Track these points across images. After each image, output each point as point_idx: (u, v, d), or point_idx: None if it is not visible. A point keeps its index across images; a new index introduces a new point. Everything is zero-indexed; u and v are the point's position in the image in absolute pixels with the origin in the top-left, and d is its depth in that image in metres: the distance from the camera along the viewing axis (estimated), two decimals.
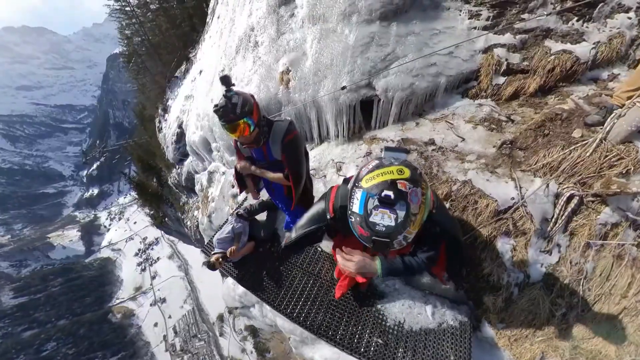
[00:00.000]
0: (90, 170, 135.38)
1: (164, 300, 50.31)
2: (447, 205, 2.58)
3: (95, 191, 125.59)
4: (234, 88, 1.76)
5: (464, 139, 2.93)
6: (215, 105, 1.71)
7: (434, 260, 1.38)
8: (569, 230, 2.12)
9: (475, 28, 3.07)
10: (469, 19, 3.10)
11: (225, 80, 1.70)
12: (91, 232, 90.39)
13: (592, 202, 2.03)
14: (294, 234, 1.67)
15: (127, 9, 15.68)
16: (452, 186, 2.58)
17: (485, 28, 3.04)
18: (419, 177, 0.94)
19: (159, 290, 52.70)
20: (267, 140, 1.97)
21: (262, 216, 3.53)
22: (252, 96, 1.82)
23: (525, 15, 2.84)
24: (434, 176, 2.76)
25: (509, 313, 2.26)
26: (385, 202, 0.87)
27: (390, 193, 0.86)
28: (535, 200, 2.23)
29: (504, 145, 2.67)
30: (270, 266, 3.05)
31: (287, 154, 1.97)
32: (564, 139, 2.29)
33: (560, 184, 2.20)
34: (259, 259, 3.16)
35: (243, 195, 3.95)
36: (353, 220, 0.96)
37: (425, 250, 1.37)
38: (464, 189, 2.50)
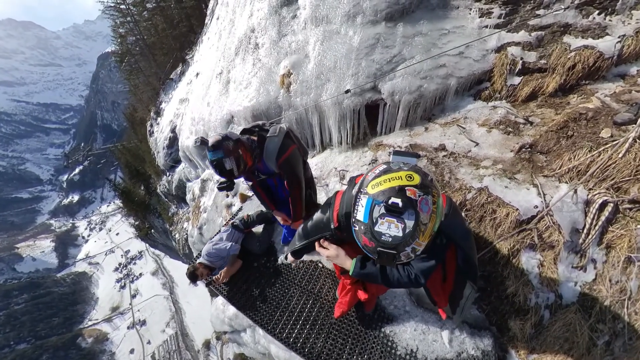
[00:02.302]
0: (72, 174, 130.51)
1: (143, 323, 45.96)
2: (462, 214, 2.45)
3: (76, 198, 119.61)
4: (210, 140, 1.79)
5: (477, 144, 2.83)
6: (219, 182, 1.93)
7: (426, 274, 1.27)
8: (604, 242, 1.95)
9: (486, 27, 3.06)
10: (479, 17, 3.10)
11: (202, 143, 1.79)
12: (67, 243, 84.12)
13: (630, 209, 1.88)
14: (297, 242, 1.64)
15: (122, 6, 15.45)
16: (466, 194, 2.46)
17: (497, 26, 3.02)
18: (430, 183, 0.91)
19: (138, 311, 48.25)
20: (261, 159, 2.08)
21: (257, 228, 3.41)
22: (234, 139, 1.80)
23: (541, 11, 2.81)
24: (446, 184, 2.64)
25: (541, 341, 2.05)
26: (392, 211, 0.83)
27: (398, 201, 0.83)
28: (562, 208, 2.08)
29: (523, 149, 2.56)
30: (264, 284, 2.90)
31: (284, 170, 2.13)
32: (590, 139, 2.17)
33: (590, 189, 2.06)
34: (253, 276, 3.01)
35: (238, 205, 3.86)
36: (357, 228, 0.93)
37: (420, 259, 1.24)
38: (480, 196, 2.38)
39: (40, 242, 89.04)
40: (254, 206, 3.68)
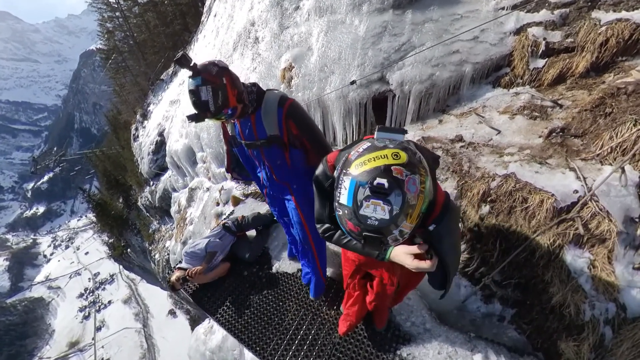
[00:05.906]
0: (39, 182, 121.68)
1: None
2: (487, 208, 2.25)
3: (41, 209, 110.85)
4: (198, 66, 1.56)
5: (499, 131, 2.70)
6: (188, 117, 1.65)
7: None
8: None
9: (502, 8, 3.05)
10: None
11: (181, 62, 1.46)
12: (24, 262, 75.00)
13: None
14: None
15: (111, 0, 15.04)
16: (490, 182, 2.28)
17: (514, 7, 3.01)
18: (418, 162, 0.91)
19: (102, 347, 41.07)
20: (256, 112, 1.79)
21: (251, 232, 3.25)
22: (220, 66, 1.58)
23: None
24: (465, 173, 2.48)
25: None
26: (377, 192, 0.84)
27: (384, 181, 0.83)
28: (609, 192, 1.88)
29: (554, 134, 2.41)
30: (255, 296, 2.69)
31: (295, 119, 1.78)
32: (634, 112, 2.01)
33: None
34: (242, 286, 2.80)
35: (229, 209, 3.72)
36: (340, 213, 0.93)
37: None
38: (507, 184, 2.20)
39: None
40: (248, 209, 3.55)
